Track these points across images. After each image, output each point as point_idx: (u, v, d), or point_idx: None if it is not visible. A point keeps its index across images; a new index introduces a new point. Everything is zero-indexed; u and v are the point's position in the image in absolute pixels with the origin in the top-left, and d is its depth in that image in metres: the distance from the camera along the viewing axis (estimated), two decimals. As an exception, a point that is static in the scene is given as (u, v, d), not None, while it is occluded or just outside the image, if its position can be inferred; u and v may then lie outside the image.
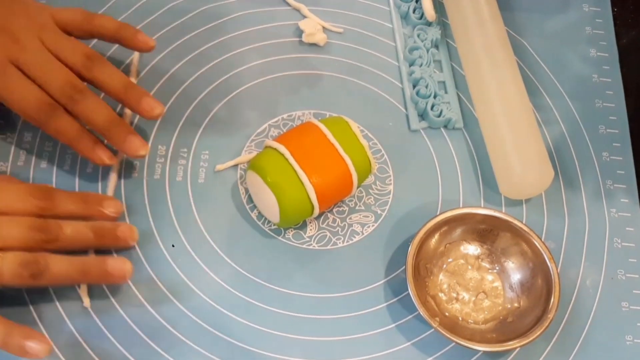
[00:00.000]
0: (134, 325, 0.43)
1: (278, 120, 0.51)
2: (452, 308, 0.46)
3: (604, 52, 0.57)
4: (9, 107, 0.43)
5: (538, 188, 0.49)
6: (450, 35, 0.56)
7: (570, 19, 0.59)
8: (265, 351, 0.43)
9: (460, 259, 0.47)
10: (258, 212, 0.47)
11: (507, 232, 0.46)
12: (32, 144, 0.48)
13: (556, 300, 0.43)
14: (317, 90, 0.52)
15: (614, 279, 0.48)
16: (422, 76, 0.53)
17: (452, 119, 0.52)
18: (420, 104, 0.52)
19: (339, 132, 0.45)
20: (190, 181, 0.48)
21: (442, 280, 0.47)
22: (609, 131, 0.54)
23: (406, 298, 0.46)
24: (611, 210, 0.51)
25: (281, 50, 0.53)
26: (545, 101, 0.54)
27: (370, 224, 0.48)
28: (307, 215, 0.45)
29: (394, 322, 0.45)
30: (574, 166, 0.52)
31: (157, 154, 0.49)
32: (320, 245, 0.47)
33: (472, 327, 0.45)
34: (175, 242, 0.46)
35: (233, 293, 0.45)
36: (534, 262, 0.46)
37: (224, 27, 0.54)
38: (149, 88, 0.50)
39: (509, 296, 0.46)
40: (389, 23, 0.56)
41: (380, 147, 0.51)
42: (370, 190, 0.49)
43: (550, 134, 0.53)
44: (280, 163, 0.44)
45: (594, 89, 0.55)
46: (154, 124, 0.49)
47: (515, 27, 0.57)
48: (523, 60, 0.56)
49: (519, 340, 0.42)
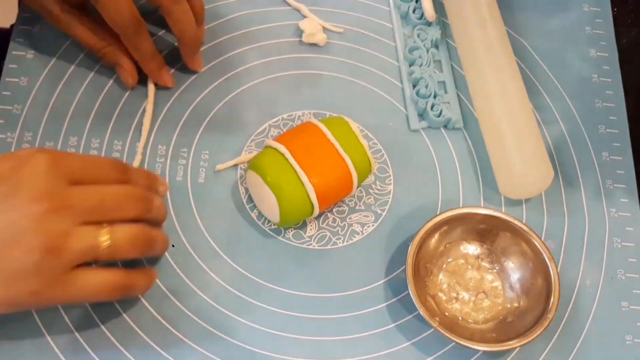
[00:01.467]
0: (134, 325, 0.43)
1: (278, 120, 0.51)
2: (452, 308, 0.46)
3: (603, 52, 0.57)
4: (103, 16, 0.45)
5: (538, 188, 0.49)
6: (450, 35, 0.56)
7: (570, 19, 0.59)
8: (265, 351, 0.43)
9: (460, 258, 0.47)
10: (258, 212, 0.47)
11: (507, 232, 0.46)
12: (33, 143, 0.48)
13: (556, 300, 0.43)
14: (317, 90, 0.52)
15: (613, 278, 0.48)
16: (422, 76, 0.53)
17: (452, 118, 0.52)
18: (420, 103, 0.52)
19: (339, 132, 0.45)
20: (190, 181, 0.48)
21: (442, 280, 0.47)
22: (609, 131, 0.54)
23: (406, 298, 0.46)
24: (611, 210, 0.51)
25: (281, 50, 0.54)
26: (545, 101, 0.54)
27: (370, 223, 0.48)
28: (307, 215, 0.45)
29: (394, 322, 0.45)
30: (573, 166, 0.52)
31: (157, 154, 0.49)
32: (320, 245, 0.47)
33: (472, 326, 0.45)
34: (175, 242, 0.46)
35: (233, 293, 0.45)
36: (534, 262, 0.46)
37: (224, 27, 0.54)
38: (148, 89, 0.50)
39: (509, 296, 0.46)
40: (389, 23, 0.56)
41: (380, 147, 0.51)
42: (370, 190, 0.49)
43: (550, 133, 0.53)
44: (280, 163, 0.44)
45: (593, 89, 0.55)
46: (155, 124, 0.49)
47: (515, 27, 0.57)
48: (523, 60, 0.56)
49: (518, 340, 0.43)
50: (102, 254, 0.37)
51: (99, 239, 0.37)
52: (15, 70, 0.50)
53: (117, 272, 0.39)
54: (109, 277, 0.39)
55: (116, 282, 0.39)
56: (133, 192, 0.40)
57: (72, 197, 0.37)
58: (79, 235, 0.37)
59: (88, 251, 0.37)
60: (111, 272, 0.39)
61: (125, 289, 0.40)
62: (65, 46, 0.51)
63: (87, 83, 0.50)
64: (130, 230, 0.39)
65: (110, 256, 0.38)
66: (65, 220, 0.36)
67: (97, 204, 0.38)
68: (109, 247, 0.38)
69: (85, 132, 0.49)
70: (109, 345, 0.42)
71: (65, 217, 0.36)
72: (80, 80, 0.50)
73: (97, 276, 0.38)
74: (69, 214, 0.37)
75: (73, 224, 0.37)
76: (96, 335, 0.42)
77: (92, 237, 0.37)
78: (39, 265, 0.35)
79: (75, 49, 0.51)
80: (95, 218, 0.38)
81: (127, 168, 0.42)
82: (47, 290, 0.36)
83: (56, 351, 0.42)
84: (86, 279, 0.38)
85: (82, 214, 0.37)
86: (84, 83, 0.50)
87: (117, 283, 0.39)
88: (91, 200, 0.38)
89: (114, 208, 0.39)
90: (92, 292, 0.38)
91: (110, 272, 0.39)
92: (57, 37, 0.51)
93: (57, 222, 0.36)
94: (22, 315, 0.42)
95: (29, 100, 0.49)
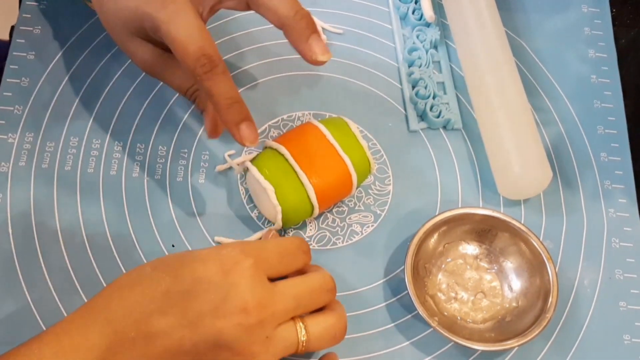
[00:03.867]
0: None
1: (278, 120, 0.51)
2: (450, 307, 0.46)
3: (602, 53, 0.57)
4: (171, 48, 0.39)
5: (536, 188, 0.49)
6: (450, 36, 0.56)
7: (569, 20, 0.59)
8: (265, 350, 0.44)
9: (459, 258, 0.47)
10: (258, 212, 0.48)
11: (505, 232, 0.47)
12: (34, 145, 0.48)
13: (554, 300, 0.44)
14: (316, 91, 0.53)
15: (612, 278, 0.49)
16: (421, 77, 0.53)
17: (451, 119, 0.52)
18: (420, 104, 0.52)
19: (338, 132, 0.45)
20: (190, 181, 0.48)
21: (441, 280, 0.47)
22: (607, 132, 0.54)
23: (405, 298, 0.46)
24: (609, 210, 0.51)
25: (281, 51, 0.54)
26: (543, 102, 0.55)
27: (370, 224, 0.49)
28: (307, 215, 0.45)
29: (393, 322, 0.46)
30: (572, 166, 0.52)
31: (158, 154, 0.49)
32: (320, 245, 0.47)
33: (471, 326, 0.45)
34: (175, 242, 0.46)
35: (233, 293, 0.45)
36: (532, 262, 0.46)
37: (225, 28, 0.54)
38: (149, 89, 0.50)
39: (508, 296, 0.46)
40: (388, 24, 0.56)
41: (379, 148, 0.51)
42: (370, 191, 0.50)
43: (548, 134, 0.53)
44: (280, 163, 0.44)
45: (592, 90, 0.56)
46: (155, 123, 0.50)
47: (514, 28, 0.57)
48: (522, 61, 0.56)
49: (517, 340, 0.43)
50: (300, 350, 0.38)
51: (298, 337, 0.38)
52: (16, 71, 0.50)
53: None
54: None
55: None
56: (325, 283, 0.40)
57: (277, 303, 0.37)
58: (280, 337, 0.37)
59: (289, 349, 0.38)
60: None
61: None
62: (66, 47, 0.51)
63: (88, 84, 0.50)
64: (325, 323, 0.39)
65: (306, 350, 0.39)
66: (271, 326, 0.37)
67: (296, 305, 0.38)
68: (306, 342, 0.38)
69: (86, 133, 0.49)
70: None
71: (271, 323, 0.37)
72: (81, 81, 0.50)
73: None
74: (274, 320, 0.37)
75: (274, 328, 0.37)
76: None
77: (292, 335, 0.38)
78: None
79: (76, 50, 0.51)
80: (293, 315, 0.38)
81: (308, 247, 0.41)
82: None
83: (57, 351, 0.42)
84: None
85: (283, 317, 0.38)
86: (85, 84, 0.50)
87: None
88: (291, 302, 0.38)
89: (310, 305, 0.39)
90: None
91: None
92: (57, 38, 0.51)
93: (263, 330, 0.36)
94: (24, 316, 0.43)
95: (30, 101, 0.49)
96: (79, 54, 0.51)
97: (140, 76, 0.51)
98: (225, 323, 0.35)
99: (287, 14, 0.40)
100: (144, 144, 0.49)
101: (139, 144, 0.49)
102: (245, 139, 0.40)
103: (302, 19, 0.40)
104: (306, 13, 0.40)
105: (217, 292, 0.36)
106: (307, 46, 0.40)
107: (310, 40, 0.40)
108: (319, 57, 0.40)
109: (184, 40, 0.38)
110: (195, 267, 0.36)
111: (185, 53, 0.39)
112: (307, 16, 0.40)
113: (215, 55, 0.39)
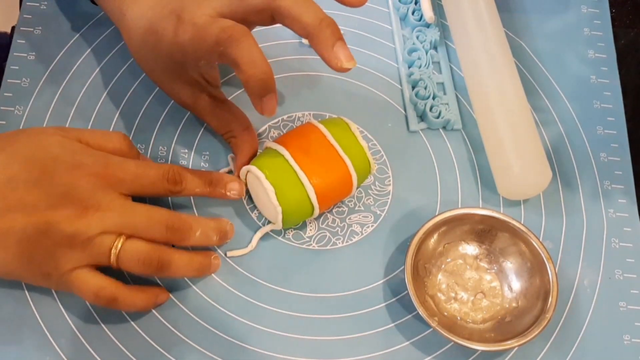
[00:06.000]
0: (135, 324, 0.43)
1: (278, 121, 0.51)
2: (450, 308, 0.46)
3: (602, 53, 0.57)
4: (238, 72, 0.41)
5: (536, 189, 0.49)
6: (449, 37, 0.56)
7: (569, 20, 0.59)
8: (265, 351, 0.44)
9: (458, 259, 0.47)
10: (258, 212, 0.48)
11: (505, 232, 0.47)
12: (34, 145, 0.48)
13: (554, 300, 0.44)
14: (316, 91, 0.53)
15: (611, 278, 0.49)
16: (421, 77, 0.53)
17: (450, 120, 0.52)
18: (419, 105, 0.52)
19: (338, 133, 0.46)
20: (190, 182, 0.48)
21: (441, 280, 0.47)
22: (607, 132, 0.54)
23: (405, 298, 0.46)
24: (609, 210, 0.51)
25: (281, 51, 0.54)
26: (543, 102, 0.55)
27: (370, 224, 0.49)
28: (307, 215, 0.45)
29: (393, 322, 0.46)
30: (572, 167, 0.52)
31: (158, 155, 0.49)
32: (320, 246, 0.47)
33: (471, 326, 0.45)
34: (175, 242, 0.46)
35: (233, 293, 0.45)
36: (532, 262, 0.46)
37: (224, 29, 0.54)
38: (149, 89, 0.50)
39: (507, 296, 0.46)
40: (388, 25, 0.56)
41: (379, 148, 0.51)
42: (370, 191, 0.50)
43: (548, 134, 0.53)
44: (280, 164, 0.44)
45: (592, 90, 0.56)
46: (155, 124, 0.50)
47: (514, 29, 0.57)
48: (521, 62, 0.56)
49: (517, 340, 0.43)
50: (113, 261, 0.40)
51: (112, 247, 0.40)
52: (16, 71, 0.50)
53: (110, 283, 0.40)
54: (100, 282, 0.40)
55: (105, 290, 0.40)
56: (166, 218, 0.41)
57: (111, 207, 0.40)
58: (99, 241, 0.39)
59: (102, 256, 0.40)
60: (103, 280, 0.40)
61: (111, 300, 0.40)
62: (66, 48, 0.51)
63: (89, 84, 0.50)
64: (138, 249, 0.40)
65: (116, 267, 0.40)
66: (96, 225, 0.39)
67: (127, 221, 0.40)
68: (116, 258, 0.40)
69: (87, 133, 0.49)
70: (111, 345, 0.43)
71: (96, 220, 0.39)
72: (82, 82, 0.50)
73: (92, 278, 0.40)
74: (99, 218, 0.39)
75: (101, 231, 0.39)
76: (98, 336, 0.43)
77: (109, 243, 0.39)
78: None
79: (77, 50, 0.51)
80: (119, 230, 0.40)
81: (182, 177, 0.43)
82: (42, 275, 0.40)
83: (57, 351, 0.42)
84: (83, 278, 0.40)
85: (111, 225, 0.39)
86: (86, 84, 0.50)
87: (105, 292, 0.40)
88: (120, 216, 0.40)
89: (140, 228, 0.40)
90: (81, 293, 0.40)
91: (103, 279, 0.40)
92: (58, 38, 0.51)
93: (88, 223, 0.39)
94: (24, 316, 0.43)
95: (30, 101, 0.49)
96: (80, 55, 0.51)
97: (140, 77, 0.51)
98: (77, 180, 0.39)
99: (312, 23, 0.40)
100: (144, 144, 0.49)
101: (139, 144, 0.49)
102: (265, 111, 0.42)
103: (327, 27, 0.40)
104: (331, 21, 0.40)
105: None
106: (333, 54, 0.40)
107: (335, 47, 0.40)
108: (344, 64, 0.40)
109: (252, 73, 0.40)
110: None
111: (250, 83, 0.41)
112: (332, 24, 0.40)
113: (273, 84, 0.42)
